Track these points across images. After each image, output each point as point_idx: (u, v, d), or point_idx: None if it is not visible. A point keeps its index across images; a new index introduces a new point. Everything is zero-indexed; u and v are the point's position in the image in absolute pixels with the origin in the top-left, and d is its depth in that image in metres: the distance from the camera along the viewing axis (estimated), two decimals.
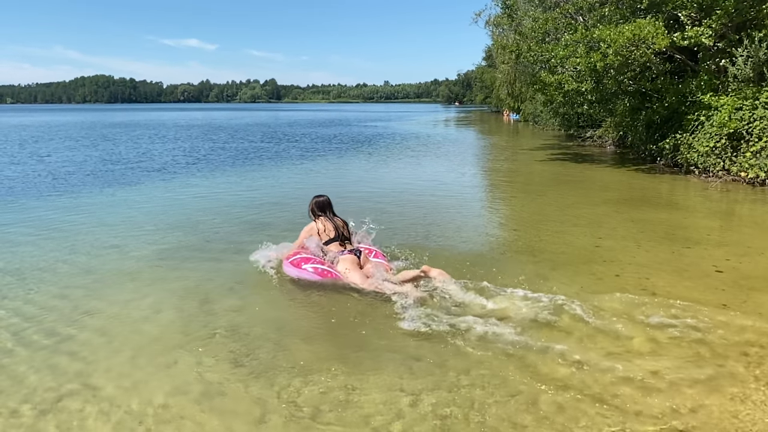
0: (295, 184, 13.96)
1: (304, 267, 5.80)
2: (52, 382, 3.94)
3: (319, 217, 6.30)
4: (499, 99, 59.85)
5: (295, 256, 5.99)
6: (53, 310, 5.25)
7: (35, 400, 3.71)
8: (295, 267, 5.85)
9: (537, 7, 22.19)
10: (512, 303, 5.22)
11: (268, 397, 3.68)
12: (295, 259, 5.92)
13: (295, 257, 5.97)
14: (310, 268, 5.78)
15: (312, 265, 5.79)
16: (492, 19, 35.73)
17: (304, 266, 5.81)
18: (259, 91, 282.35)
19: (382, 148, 24.02)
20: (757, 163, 11.77)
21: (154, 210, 10.13)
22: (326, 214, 6.33)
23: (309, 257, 5.91)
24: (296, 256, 5.96)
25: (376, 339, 4.55)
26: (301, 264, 5.83)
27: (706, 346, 4.31)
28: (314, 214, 6.38)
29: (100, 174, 15.33)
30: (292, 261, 5.94)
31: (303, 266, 5.81)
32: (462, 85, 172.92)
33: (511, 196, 12.34)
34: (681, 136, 14.00)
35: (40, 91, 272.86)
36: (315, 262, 5.84)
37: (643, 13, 15.28)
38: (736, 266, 6.36)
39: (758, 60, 12.92)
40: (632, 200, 11.01)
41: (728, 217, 9.70)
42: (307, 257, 5.91)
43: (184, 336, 4.65)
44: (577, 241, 7.64)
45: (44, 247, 7.49)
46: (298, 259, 5.90)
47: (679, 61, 15.99)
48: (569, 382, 3.79)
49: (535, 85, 19.27)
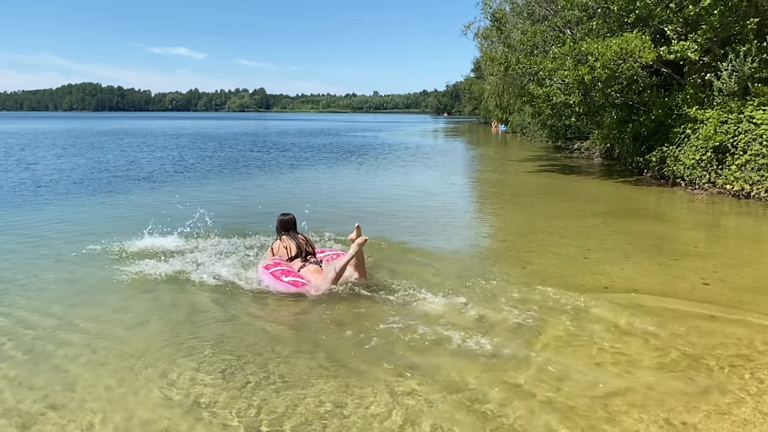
0: (284, 193, 13.91)
1: (284, 279, 5.98)
2: (33, 396, 3.86)
3: (283, 236, 6.59)
4: (487, 110, 60.32)
5: (276, 267, 6.15)
6: (35, 322, 5.15)
7: (15, 415, 3.63)
8: (276, 279, 6.02)
9: (526, 20, 22.44)
10: (500, 314, 5.21)
11: (254, 410, 3.63)
12: (276, 271, 6.08)
13: (276, 268, 6.13)
14: (290, 281, 5.98)
15: (292, 278, 6.00)
16: (481, 31, 36.04)
17: (284, 279, 5.99)
18: (248, 100, 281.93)
19: (372, 158, 24.04)
20: (742, 176, 11.91)
21: (141, 219, 10.01)
22: (289, 233, 6.62)
23: (289, 270, 6.12)
24: (276, 268, 6.14)
25: (363, 350, 4.51)
26: (281, 276, 6.01)
27: (695, 358, 4.32)
28: (278, 233, 6.68)
29: (87, 182, 15.18)
30: (273, 272, 6.08)
31: (283, 279, 5.99)
32: (451, 96, 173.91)
33: (500, 207, 12.38)
34: (667, 148, 14.15)
35: (27, 98, 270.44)
36: (293, 275, 6.05)
37: (630, 27, 15.48)
38: (723, 278, 6.40)
39: (743, 74, 13.11)
40: (620, 212, 11.09)
41: (714, 229, 9.79)
42: (288, 270, 6.12)
43: (170, 348, 4.58)
44: (565, 252, 7.66)
45: (28, 255, 7.38)
46: (278, 272, 6.07)
47: (665, 75, 16.20)
48: (556, 393, 3.78)
49: (524, 97, 19.44)
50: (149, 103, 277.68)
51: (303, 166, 20.42)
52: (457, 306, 5.44)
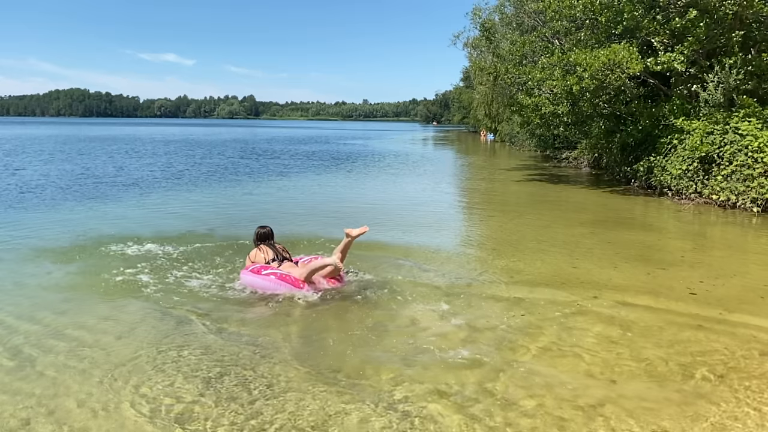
0: (274, 201, 13.85)
1: (263, 273, 6.21)
2: (18, 404, 3.78)
3: (260, 245, 6.74)
4: (476, 119, 60.47)
5: (253, 265, 6.41)
6: (21, 330, 5.07)
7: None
8: (256, 274, 6.25)
9: (515, 30, 22.62)
10: (487, 322, 5.20)
11: (241, 419, 3.58)
12: (255, 268, 6.33)
13: (255, 266, 6.38)
14: (270, 275, 6.19)
15: (271, 271, 6.23)
16: (470, 41, 36.21)
17: (263, 272, 6.21)
18: (238, 107, 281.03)
19: (361, 166, 24.04)
20: (728, 187, 12.02)
21: (130, 227, 9.93)
22: (266, 242, 6.78)
23: (266, 266, 6.37)
24: (256, 265, 6.39)
25: (349, 358, 4.48)
26: (260, 271, 6.24)
27: (683, 367, 4.33)
28: (255, 244, 6.80)
29: (74, 189, 15.01)
30: (252, 270, 6.31)
31: (262, 272, 6.21)
32: (440, 105, 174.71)
33: (489, 216, 12.40)
34: (655, 158, 14.28)
35: (13, 104, 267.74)
36: (273, 269, 6.29)
37: (618, 38, 15.65)
38: (709, 288, 6.44)
39: (728, 86, 13.28)
40: (608, 221, 11.15)
41: (701, 239, 9.87)
42: (266, 266, 6.36)
43: (158, 356, 4.52)
44: (554, 261, 7.68)
45: (14, 263, 7.28)
46: (257, 268, 6.32)
47: (652, 86, 16.37)
48: (542, 401, 3.77)
49: (513, 106, 19.56)
50: (138, 110, 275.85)
51: (292, 174, 20.35)
52: (444, 314, 5.43)
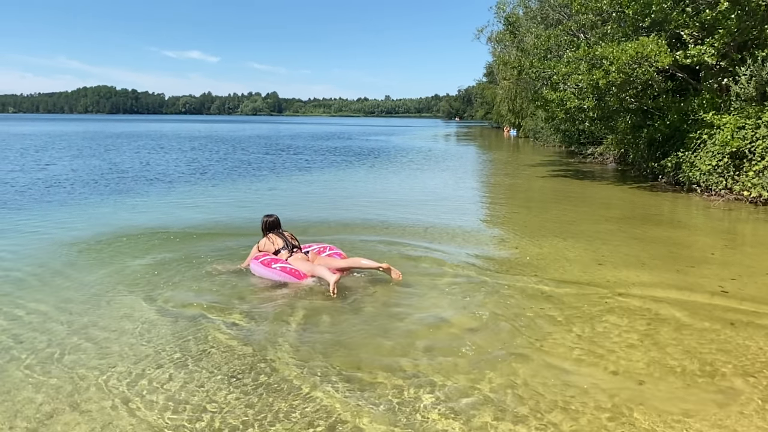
0: (300, 195, 13.89)
1: (273, 267, 6.28)
2: (42, 399, 3.83)
3: (269, 234, 6.78)
4: (499, 115, 60.04)
5: (264, 256, 6.45)
6: (46, 326, 5.14)
7: (24, 418, 3.60)
8: (266, 266, 6.31)
9: (539, 24, 22.33)
10: (512, 321, 5.13)
11: (262, 416, 3.57)
12: (265, 260, 6.38)
13: (265, 257, 6.43)
14: (278, 267, 6.27)
15: (280, 265, 6.29)
16: (494, 35, 36.07)
17: (273, 266, 6.28)
18: (261, 103, 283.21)
19: (385, 162, 24.01)
20: (759, 182, 11.71)
21: (157, 220, 10.05)
22: (274, 231, 6.82)
23: (277, 259, 6.42)
24: (266, 257, 6.43)
25: (364, 356, 4.44)
26: (270, 264, 6.31)
27: (714, 366, 4.21)
28: (264, 233, 6.84)
29: (101, 183, 15.26)
30: (263, 261, 6.37)
31: (273, 266, 6.29)
32: (462, 100, 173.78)
33: (513, 212, 12.27)
34: (683, 154, 13.97)
35: (43, 101, 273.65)
36: (282, 263, 6.35)
37: (646, 31, 15.32)
38: (741, 286, 6.26)
39: (761, 79, 12.91)
40: (634, 218, 10.94)
41: (731, 236, 9.62)
42: (276, 258, 6.43)
43: (178, 352, 4.54)
44: (579, 258, 7.54)
45: (40, 257, 7.40)
46: (268, 260, 6.37)
47: (681, 80, 16.01)
48: (569, 400, 3.69)
49: (537, 101, 19.29)
50: (163, 107, 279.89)
51: (315, 169, 20.41)
52: (468, 312, 5.37)
